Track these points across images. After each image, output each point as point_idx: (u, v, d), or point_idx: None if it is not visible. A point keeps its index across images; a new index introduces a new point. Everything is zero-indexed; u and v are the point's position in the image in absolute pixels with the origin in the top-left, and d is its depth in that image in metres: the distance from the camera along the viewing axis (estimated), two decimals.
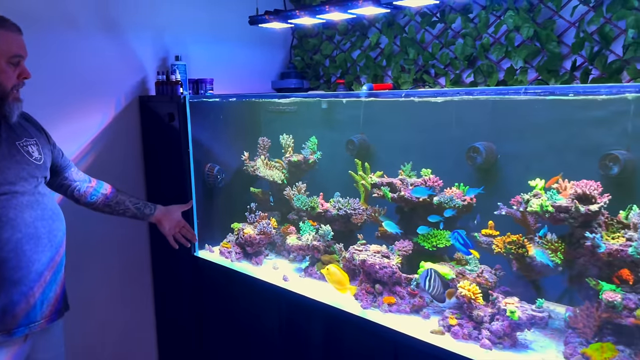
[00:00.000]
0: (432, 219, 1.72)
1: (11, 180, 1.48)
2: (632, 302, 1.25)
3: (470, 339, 1.45)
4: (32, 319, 1.54)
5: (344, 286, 1.72)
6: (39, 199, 1.55)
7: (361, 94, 1.99)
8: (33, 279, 1.52)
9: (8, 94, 1.47)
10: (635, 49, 1.80)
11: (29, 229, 1.48)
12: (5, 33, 1.45)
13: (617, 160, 1.47)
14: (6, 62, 1.45)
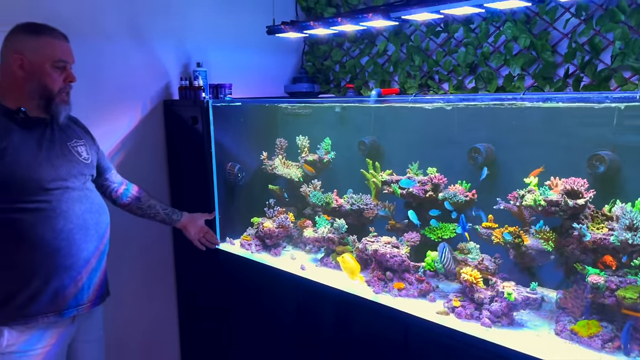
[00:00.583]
0: (433, 212, 1.92)
1: (64, 177, 1.67)
2: (613, 284, 1.44)
3: (472, 318, 1.64)
4: (80, 302, 1.73)
5: (355, 274, 1.91)
6: (87, 194, 1.74)
7: (371, 99, 2.17)
8: (81, 265, 1.71)
9: (55, 95, 1.65)
10: (622, 59, 1.97)
11: (79, 220, 1.68)
12: (51, 40, 1.64)
13: (603, 160, 1.66)
14: (51, 67, 1.63)
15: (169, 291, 2.76)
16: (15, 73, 1.61)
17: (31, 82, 1.62)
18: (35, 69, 1.61)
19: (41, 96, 1.63)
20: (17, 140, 1.60)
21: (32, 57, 1.61)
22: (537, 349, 1.46)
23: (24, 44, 1.61)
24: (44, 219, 1.61)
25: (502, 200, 1.78)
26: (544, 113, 1.86)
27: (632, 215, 1.41)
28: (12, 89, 1.64)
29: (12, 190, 1.58)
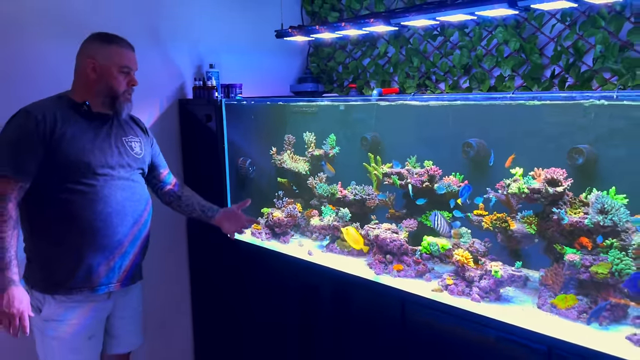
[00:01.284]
0: (419, 202, 2.13)
1: (111, 165, 1.89)
2: (587, 261, 1.63)
3: (463, 294, 1.83)
4: (110, 280, 1.93)
5: (359, 243, 2.12)
6: (131, 184, 1.95)
7: (373, 97, 2.36)
8: (114, 247, 1.90)
9: (119, 95, 1.89)
10: (603, 61, 2.15)
11: (118, 206, 1.88)
12: (119, 49, 1.89)
13: (582, 153, 1.84)
14: (117, 71, 1.87)
15: (183, 274, 2.94)
16: (88, 74, 1.86)
17: (100, 83, 1.86)
18: (104, 72, 1.85)
19: (107, 95, 1.87)
20: (76, 128, 1.83)
21: (102, 62, 1.85)
22: (521, 320, 1.64)
23: (97, 50, 1.86)
24: (87, 200, 1.82)
25: (491, 189, 1.96)
26: (530, 110, 2.05)
27: (604, 200, 1.60)
28: (82, 87, 1.88)
29: (64, 172, 1.79)
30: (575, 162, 1.85)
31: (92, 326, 1.94)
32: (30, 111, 1.78)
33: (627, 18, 2.08)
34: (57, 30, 2.34)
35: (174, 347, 2.95)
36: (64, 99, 1.89)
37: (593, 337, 1.53)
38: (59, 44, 2.32)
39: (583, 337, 1.53)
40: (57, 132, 1.79)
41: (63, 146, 1.79)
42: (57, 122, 1.80)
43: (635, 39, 2.05)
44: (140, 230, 2.00)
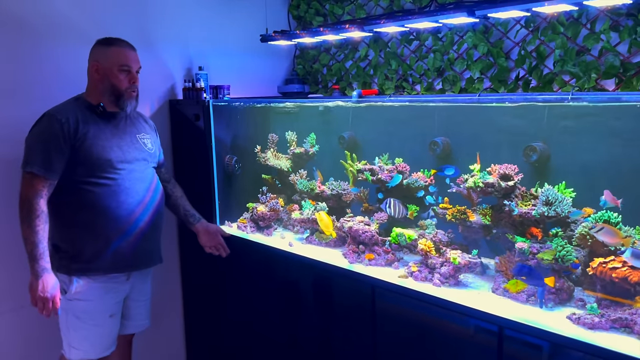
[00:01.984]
0: (380, 196, 2.30)
1: (129, 160, 2.12)
2: (535, 248, 1.79)
3: (426, 280, 1.99)
4: (134, 263, 2.18)
5: (329, 228, 2.31)
6: (147, 176, 2.20)
7: (352, 98, 2.51)
8: (137, 232, 2.15)
9: (123, 93, 2.08)
10: (562, 64, 2.31)
11: (138, 196, 2.13)
12: (117, 49, 2.08)
13: (536, 150, 2.00)
14: (118, 70, 2.07)
15: (174, 266, 3.10)
16: (93, 76, 2.07)
17: (103, 82, 2.06)
18: (106, 72, 2.06)
19: (111, 93, 2.07)
20: (96, 128, 2.04)
21: (104, 63, 2.06)
22: (476, 302, 1.80)
23: (99, 53, 2.06)
24: (111, 192, 2.06)
25: (454, 185, 2.12)
26: (493, 111, 2.21)
27: (548, 193, 1.76)
28: (93, 89, 2.09)
29: (89, 167, 2.02)
30: (529, 159, 2.01)
31: (113, 306, 2.18)
32: (54, 114, 1.99)
33: (584, 25, 2.24)
34: (54, 36, 2.49)
35: (166, 336, 3.11)
36: (81, 100, 2.10)
37: (539, 317, 1.69)
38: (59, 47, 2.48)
39: (530, 317, 1.69)
40: (80, 133, 2.00)
41: (86, 145, 2.00)
42: (79, 123, 2.01)
43: (590, 44, 2.21)
44: (158, 217, 2.24)
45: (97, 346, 2.18)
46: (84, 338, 2.15)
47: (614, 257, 1.64)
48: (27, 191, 1.94)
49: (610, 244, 1.66)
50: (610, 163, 1.90)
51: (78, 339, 2.15)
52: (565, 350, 1.58)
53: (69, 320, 2.13)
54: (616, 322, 1.58)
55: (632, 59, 2.12)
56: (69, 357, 2.18)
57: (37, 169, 1.93)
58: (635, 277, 1.58)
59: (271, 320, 2.59)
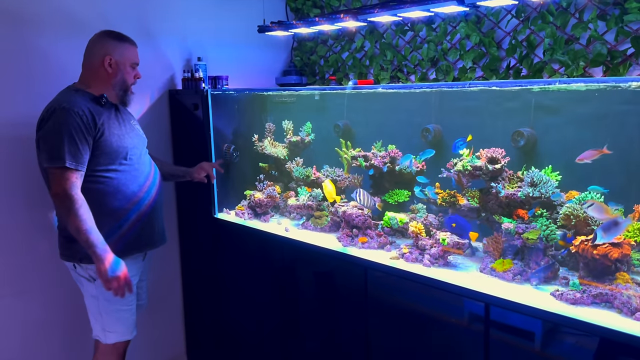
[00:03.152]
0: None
1: (137, 146, 2.23)
2: (520, 229, 1.85)
3: (416, 261, 2.05)
4: (152, 241, 2.30)
5: (332, 196, 2.39)
6: (148, 159, 2.31)
7: (347, 87, 2.58)
8: (154, 212, 2.27)
9: (129, 88, 2.19)
10: (551, 53, 2.36)
11: (150, 178, 2.25)
12: (130, 46, 2.18)
13: (523, 135, 2.06)
14: (130, 67, 2.17)
15: (173, 253, 3.17)
16: (105, 69, 2.12)
17: (116, 77, 2.14)
18: (120, 67, 2.14)
19: (121, 88, 2.16)
20: (106, 118, 2.11)
21: (117, 58, 2.13)
22: (464, 281, 1.86)
23: (113, 47, 2.13)
24: (131, 177, 2.16)
25: (445, 170, 2.18)
26: (481, 98, 2.27)
27: (533, 174, 1.82)
28: (100, 82, 2.14)
29: (111, 156, 2.10)
30: (517, 144, 2.07)
31: (135, 283, 2.28)
32: (69, 108, 2.01)
33: (572, 14, 2.29)
34: (57, 27, 2.55)
35: (166, 318, 3.18)
36: (82, 92, 2.13)
37: (524, 294, 1.75)
38: (57, 40, 2.54)
39: (516, 294, 1.75)
40: (98, 124, 2.07)
41: (105, 135, 2.08)
42: (93, 115, 2.07)
43: (579, 33, 2.27)
44: (162, 195, 2.37)
45: (130, 325, 2.29)
46: (117, 320, 2.24)
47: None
48: (63, 185, 1.96)
49: (600, 220, 1.72)
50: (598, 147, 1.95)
51: (112, 322, 2.23)
52: (549, 325, 1.65)
53: (100, 306, 2.20)
54: (597, 298, 1.64)
55: (618, 47, 2.18)
56: (105, 342, 2.25)
57: (69, 163, 1.96)
58: (616, 253, 1.64)
59: (267, 302, 2.66)
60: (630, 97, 1.83)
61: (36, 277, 2.59)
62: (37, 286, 2.61)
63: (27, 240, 2.54)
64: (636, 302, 1.54)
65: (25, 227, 2.53)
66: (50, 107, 2.04)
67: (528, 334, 1.72)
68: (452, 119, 2.33)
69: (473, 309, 1.82)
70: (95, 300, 2.20)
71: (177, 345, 3.28)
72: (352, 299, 2.21)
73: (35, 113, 2.11)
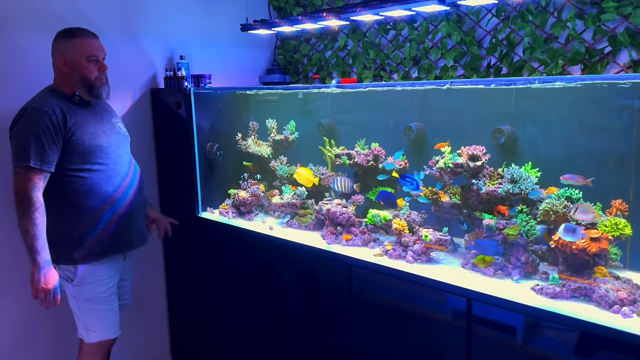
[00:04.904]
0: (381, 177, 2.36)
1: (115, 145, 2.19)
2: (501, 224, 1.88)
3: (400, 257, 2.07)
4: (130, 242, 2.27)
5: (310, 180, 2.39)
6: (131, 159, 2.29)
7: (331, 86, 2.58)
8: (131, 213, 2.23)
9: (94, 82, 2.12)
10: (531, 52, 2.40)
11: (127, 178, 2.21)
12: (82, 40, 2.10)
13: (503, 132, 2.09)
14: (86, 61, 2.10)
15: (157, 253, 3.15)
16: (62, 69, 2.09)
17: (74, 75, 2.09)
18: (75, 64, 2.08)
19: (83, 84, 2.11)
20: (80, 117, 2.08)
21: (71, 56, 2.08)
22: (447, 277, 1.89)
23: (63, 46, 2.08)
24: (105, 177, 2.13)
25: (427, 167, 2.21)
26: (463, 96, 2.29)
27: (513, 171, 1.85)
28: (63, 81, 2.11)
29: (83, 155, 2.07)
30: (498, 141, 2.10)
31: (114, 285, 2.28)
32: (39, 108, 2.01)
33: (551, 13, 2.33)
34: (34, 25, 2.52)
35: (150, 317, 3.16)
36: (56, 92, 2.13)
37: (505, 289, 1.78)
38: (36, 38, 2.50)
39: (497, 289, 1.78)
40: (69, 123, 2.05)
41: (77, 134, 2.06)
42: (65, 114, 2.05)
43: (557, 31, 2.31)
44: (143, 196, 2.34)
45: (113, 324, 2.29)
46: (99, 319, 2.24)
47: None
48: (24, 185, 1.96)
49: (587, 221, 1.75)
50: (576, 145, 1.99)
51: (94, 321, 2.23)
52: (530, 319, 1.68)
53: (81, 306, 2.20)
54: (576, 292, 1.68)
55: (596, 45, 2.22)
56: (88, 341, 2.26)
57: (33, 162, 1.96)
58: (594, 248, 1.68)
59: (253, 302, 2.66)
60: (608, 95, 1.87)
61: (20, 278, 2.55)
62: (21, 287, 2.56)
63: (9, 241, 2.50)
64: (613, 295, 1.58)
65: (8, 228, 2.49)
66: (22, 108, 2.06)
67: (509, 328, 1.75)
68: (434, 117, 2.35)
69: (456, 305, 1.85)
70: (75, 300, 2.21)
71: (162, 345, 3.27)
72: (336, 296, 2.22)
73: (10, 109, 2.11)
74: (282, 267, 2.49)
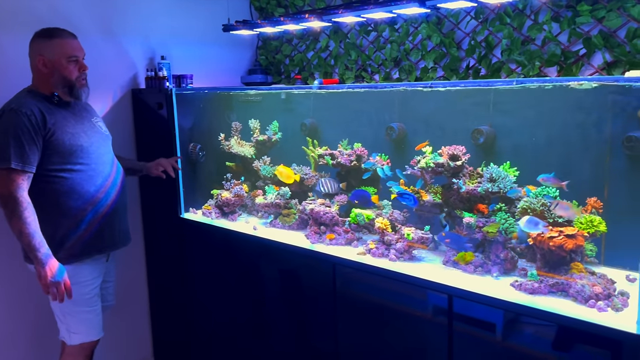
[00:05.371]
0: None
1: (96, 145, 2.17)
2: (481, 222, 1.92)
3: (383, 256, 2.10)
4: (113, 242, 2.26)
5: (291, 177, 2.41)
6: (110, 158, 2.27)
7: (313, 86, 2.60)
8: (113, 213, 2.22)
9: (74, 83, 2.11)
10: (509, 54, 2.46)
11: (110, 178, 2.20)
12: (61, 40, 2.08)
13: (482, 133, 2.14)
14: (66, 62, 2.08)
15: (139, 254, 3.13)
16: (41, 70, 2.07)
17: (53, 76, 2.07)
18: (55, 65, 2.06)
19: (64, 85, 2.09)
20: (60, 117, 2.06)
21: (50, 57, 2.06)
22: (428, 274, 1.93)
23: (42, 47, 2.06)
24: (87, 177, 2.12)
25: (409, 167, 2.24)
26: (444, 97, 2.33)
27: (492, 170, 1.90)
28: (42, 82, 2.09)
29: (63, 155, 2.05)
30: (477, 141, 2.15)
31: (97, 287, 2.26)
32: (17, 109, 1.99)
33: (528, 16, 2.39)
34: (12, 25, 2.48)
35: (132, 322, 3.14)
36: (34, 92, 2.11)
37: (485, 285, 1.83)
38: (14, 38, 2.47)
39: (477, 285, 1.82)
40: (48, 124, 2.03)
41: (57, 135, 2.04)
42: (44, 115, 2.03)
43: (534, 34, 2.36)
44: (125, 195, 2.32)
45: (95, 326, 2.27)
46: (81, 321, 2.22)
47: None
48: (8, 187, 1.94)
49: (567, 217, 1.80)
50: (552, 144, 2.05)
51: (76, 323, 2.21)
52: (509, 314, 1.72)
53: (63, 307, 2.17)
54: (553, 287, 1.73)
55: (571, 47, 2.28)
56: (70, 343, 2.24)
57: (15, 164, 1.94)
58: (570, 244, 1.73)
59: (236, 303, 2.67)
60: (582, 96, 1.93)
61: (1, 280, 2.52)
62: (2, 289, 2.53)
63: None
64: (589, 290, 1.63)
65: None
66: (0, 110, 2.05)
67: (490, 324, 1.79)
68: (415, 118, 2.39)
69: (437, 301, 1.88)
70: (56, 302, 2.17)
71: (144, 347, 3.25)
72: (321, 295, 2.24)
73: None
74: (266, 267, 2.51)
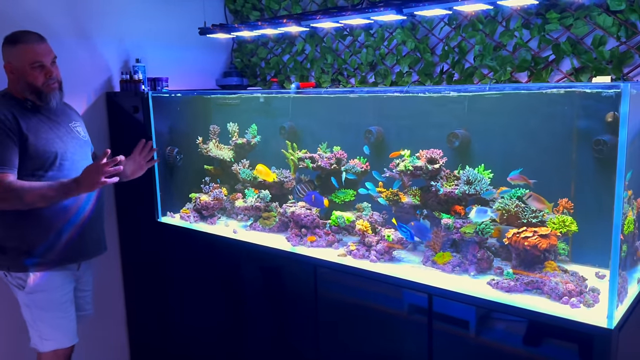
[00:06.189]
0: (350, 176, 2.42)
1: (71, 151, 2.13)
2: (458, 224, 1.99)
3: (363, 257, 2.14)
4: (83, 251, 2.21)
5: (269, 175, 2.48)
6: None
7: (291, 91, 2.63)
8: (85, 222, 2.17)
9: (41, 89, 2.05)
10: (481, 59, 2.54)
11: None
12: (25, 46, 2.02)
13: (458, 136, 2.21)
14: (30, 68, 2.02)
15: (114, 259, 3.08)
16: (9, 76, 2.05)
17: (19, 82, 2.03)
18: (20, 71, 2.02)
19: (31, 91, 2.05)
20: (34, 122, 2.03)
21: (15, 63, 2.02)
22: (407, 274, 1.98)
23: (8, 53, 2.03)
24: None
25: (387, 170, 2.29)
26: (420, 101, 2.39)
27: (468, 173, 1.97)
28: (12, 87, 2.07)
29: (37, 161, 2.01)
30: (453, 145, 2.22)
31: (69, 292, 2.22)
32: None
33: (499, 22, 2.47)
34: None
35: (108, 328, 3.10)
36: (8, 97, 2.07)
37: (463, 284, 1.89)
38: None
39: (455, 284, 1.88)
40: (22, 129, 1.99)
41: (31, 140, 2.00)
42: (17, 119, 2.00)
43: (506, 40, 2.45)
44: (101, 204, 2.29)
45: (68, 333, 2.23)
46: (54, 328, 2.18)
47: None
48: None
49: (538, 209, 1.89)
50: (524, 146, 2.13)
51: (48, 330, 2.17)
52: (486, 311, 1.79)
53: (34, 314, 2.14)
54: (529, 285, 1.81)
55: (541, 53, 2.38)
56: (43, 350, 2.19)
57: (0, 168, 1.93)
58: (544, 244, 1.81)
59: (216, 307, 2.67)
60: (551, 101, 2.02)
61: None
62: None
63: None
64: (563, 287, 1.71)
65: None
66: None
67: (467, 322, 1.86)
68: (392, 121, 2.45)
69: (418, 301, 1.94)
70: (28, 308, 2.15)
71: (121, 355, 3.21)
72: (302, 297, 2.27)
73: None
74: (246, 270, 2.52)
